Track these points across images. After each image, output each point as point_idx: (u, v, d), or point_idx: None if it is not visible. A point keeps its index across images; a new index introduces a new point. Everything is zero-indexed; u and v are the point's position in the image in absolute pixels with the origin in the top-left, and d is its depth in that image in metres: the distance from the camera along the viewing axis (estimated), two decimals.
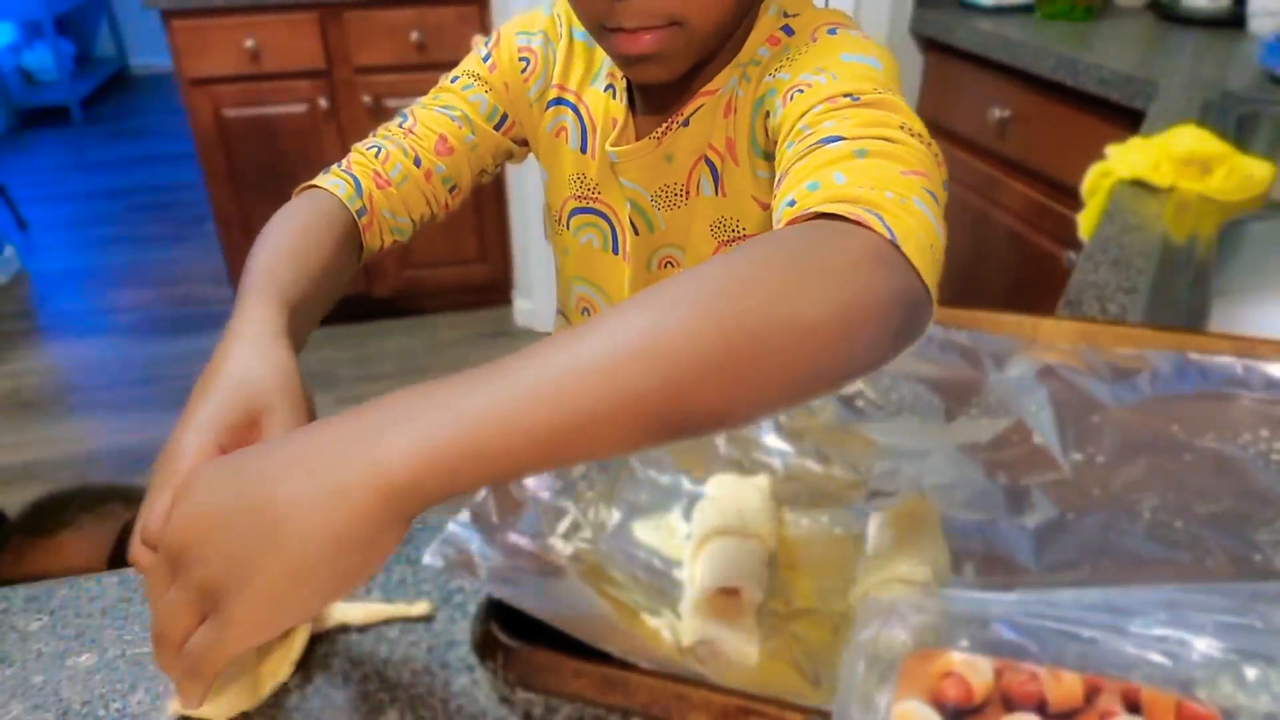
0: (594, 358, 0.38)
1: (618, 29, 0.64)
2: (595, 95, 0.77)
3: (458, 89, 0.79)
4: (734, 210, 0.73)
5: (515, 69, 0.79)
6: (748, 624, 0.50)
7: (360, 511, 0.37)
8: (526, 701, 0.48)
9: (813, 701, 0.46)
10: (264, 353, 0.52)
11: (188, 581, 0.40)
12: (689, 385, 0.38)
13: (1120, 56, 1.60)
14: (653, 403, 0.38)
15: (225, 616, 0.39)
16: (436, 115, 0.77)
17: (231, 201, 2.49)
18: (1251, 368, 0.63)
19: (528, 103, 0.79)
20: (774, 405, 0.42)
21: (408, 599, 0.55)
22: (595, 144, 0.77)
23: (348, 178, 0.72)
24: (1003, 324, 0.70)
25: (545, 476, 0.56)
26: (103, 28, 5.15)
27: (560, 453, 0.39)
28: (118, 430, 2.32)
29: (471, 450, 0.37)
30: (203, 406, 0.49)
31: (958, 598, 0.47)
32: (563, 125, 0.79)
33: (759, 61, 0.68)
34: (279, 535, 0.37)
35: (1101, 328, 0.69)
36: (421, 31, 2.37)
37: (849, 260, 0.42)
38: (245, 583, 0.38)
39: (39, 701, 0.49)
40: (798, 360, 0.39)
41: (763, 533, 0.54)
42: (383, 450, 0.37)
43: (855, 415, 0.65)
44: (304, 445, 0.40)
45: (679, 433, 0.40)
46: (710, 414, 0.40)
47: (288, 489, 0.38)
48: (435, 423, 0.38)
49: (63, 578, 0.58)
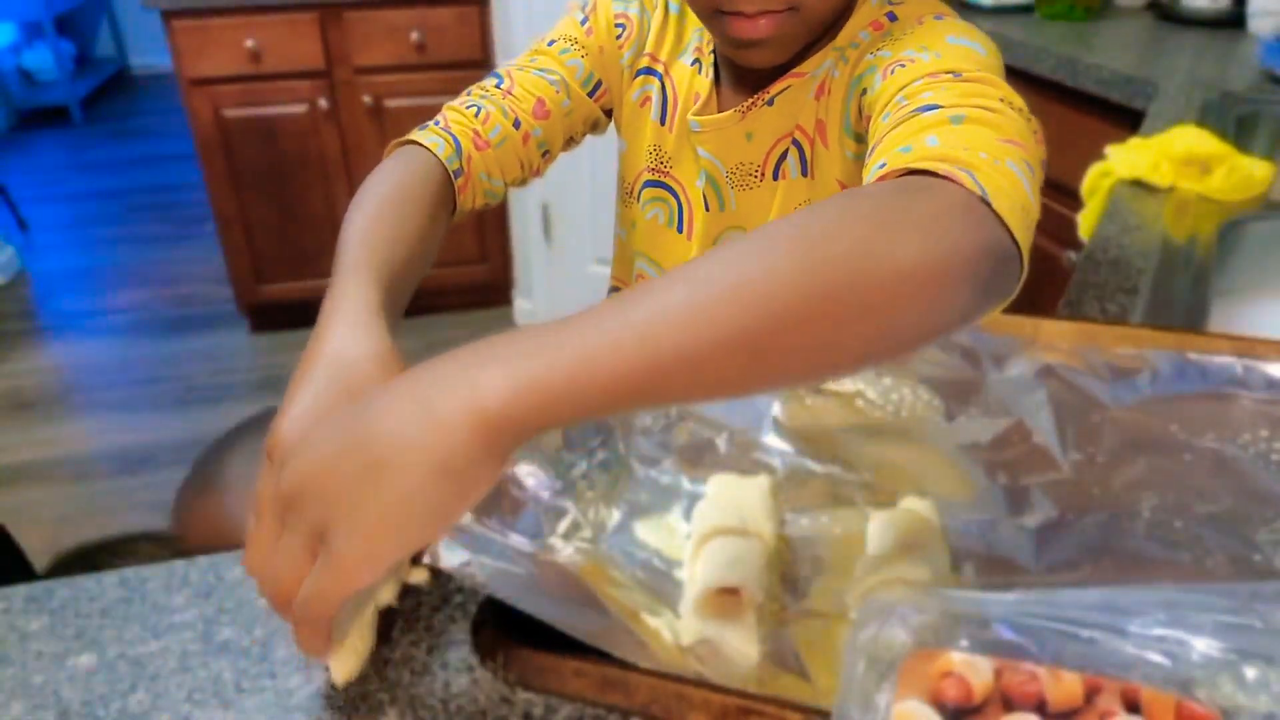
0: (688, 299, 0.39)
1: (736, 13, 0.65)
2: (682, 69, 0.78)
3: (555, 53, 0.78)
4: (820, 194, 0.73)
5: (611, 34, 0.79)
6: (748, 624, 0.50)
7: (458, 442, 0.38)
8: (526, 701, 0.48)
9: (813, 701, 0.46)
10: (361, 334, 0.52)
11: (298, 527, 0.41)
12: (781, 328, 0.38)
13: (1120, 56, 1.60)
14: (745, 345, 0.38)
15: (334, 555, 0.40)
16: (534, 78, 0.76)
17: (231, 201, 2.49)
18: (1251, 368, 0.63)
19: (619, 69, 0.79)
20: (862, 355, 0.42)
21: (408, 596, 0.55)
22: (675, 117, 0.78)
23: (447, 136, 0.71)
24: (1003, 324, 0.70)
25: (545, 476, 0.56)
26: (103, 28, 5.15)
27: (651, 392, 0.39)
28: (118, 430, 2.32)
29: (565, 386, 0.38)
30: (302, 395, 0.49)
31: (958, 598, 0.47)
32: (647, 95, 0.79)
33: (858, 44, 0.69)
34: (382, 469, 0.39)
35: (1101, 328, 0.69)
36: (421, 32, 2.37)
37: (937, 210, 0.43)
38: (352, 519, 0.39)
39: (39, 701, 0.49)
40: (888, 306, 0.40)
41: (763, 533, 0.54)
42: (480, 384, 0.39)
43: (855, 415, 0.65)
44: (405, 385, 0.41)
45: (767, 379, 0.41)
46: (801, 360, 0.40)
47: (389, 425, 0.39)
48: (530, 359, 0.39)
49: (61, 578, 0.58)
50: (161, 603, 0.55)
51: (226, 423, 0.98)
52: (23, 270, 3.14)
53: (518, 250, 2.66)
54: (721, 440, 0.64)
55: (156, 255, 3.25)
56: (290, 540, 0.41)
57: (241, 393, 2.45)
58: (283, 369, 2.54)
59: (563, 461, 0.58)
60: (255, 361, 2.59)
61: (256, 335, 2.68)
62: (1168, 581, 0.52)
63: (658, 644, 0.49)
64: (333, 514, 0.40)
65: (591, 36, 0.79)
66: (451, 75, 2.40)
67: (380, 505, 0.39)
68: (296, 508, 0.41)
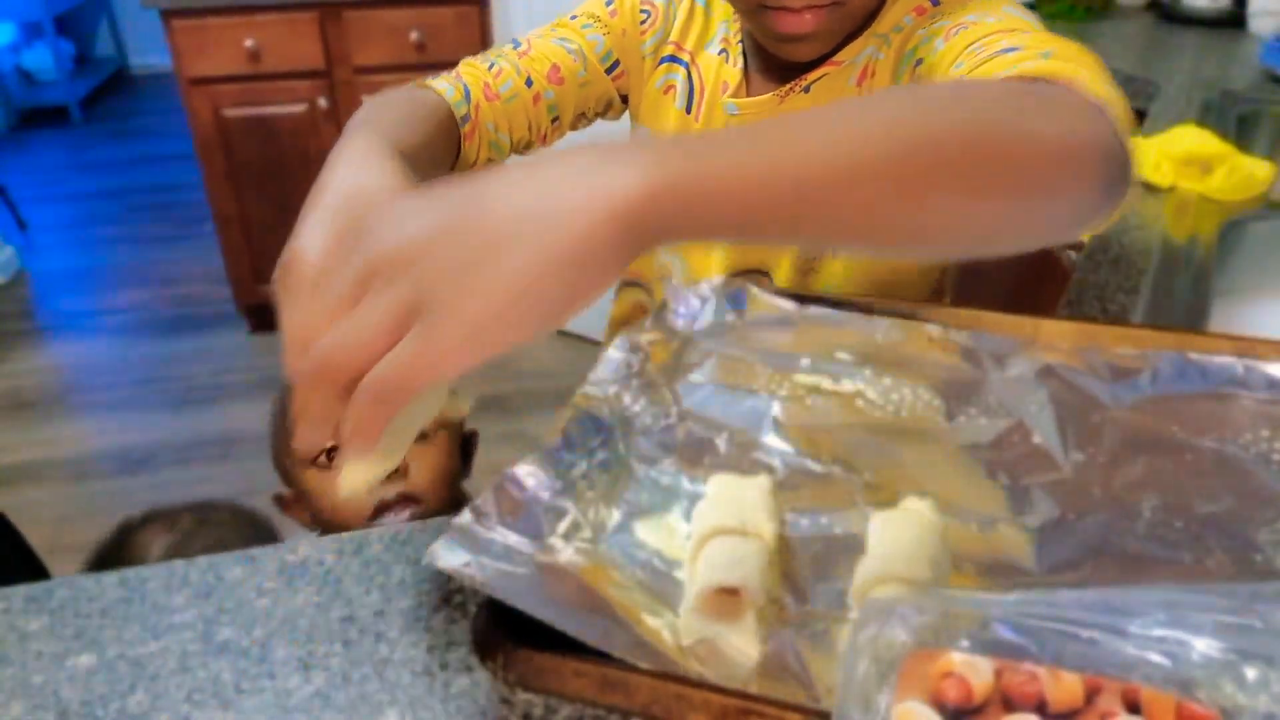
0: (844, 125, 0.39)
1: (781, 8, 0.65)
2: (709, 59, 0.78)
3: (576, 26, 0.79)
4: None
5: (635, 19, 0.79)
6: (748, 624, 0.50)
7: (589, 231, 0.36)
8: (526, 702, 0.48)
9: (812, 702, 0.46)
10: (375, 169, 0.49)
11: (392, 296, 0.37)
12: (931, 167, 0.38)
13: (1121, 56, 1.60)
14: (893, 175, 0.38)
15: (435, 330, 0.36)
16: (553, 45, 0.77)
17: (231, 201, 2.49)
18: (1252, 368, 0.63)
19: (640, 55, 0.80)
20: (996, 223, 0.42)
21: (408, 596, 0.55)
22: (703, 105, 0.78)
23: (457, 83, 0.71)
24: (1003, 324, 0.70)
25: (545, 476, 0.56)
26: (103, 28, 5.15)
27: (794, 213, 0.38)
28: (118, 430, 2.32)
29: (704, 189, 0.37)
30: (313, 221, 0.46)
31: (958, 598, 0.47)
32: (672, 84, 0.79)
33: (900, 29, 0.70)
34: (503, 251, 0.36)
35: (1101, 328, 0.69)
36: (421, 31, 2.37)
37: (1069, 106, 0.45)
38: (459, 296, 0.36)
39: (39, 701, 0.49)
40: (1032, 174, 0.40)
41: (763, 533, 0.54)
42: (616, 176, 0.36)
43: (856, 415, 0.65)
44: (524, 172, 0.38)
45: (904, 222, 0.40)
46: (940, 209, 0.40)
47: (511, 207, 0.37)
48: (671, 158, 0.37)
49: (61, 578, 0.58)
50: (161, 603, 0.55)
51: (226, 423, 0.99)
52: (22, 270, 3.14)
53: None
54: (721, 440, 0.64)
55: (156, 255, 3.25)
56: (374, 311, 0.37)
57: (241, 393, 2.44)
58: (282, 369, 2.54)
59: (563, 461, 0.58)
60: (255, 361, 2.59)
61: (256, 335, 2.68)
62: (1168, 581, 0.52)
63: (658, 644, 0.49)
64: (437, 288, 0.36)
65: (615, 18, 0.79)
66: None
67: (493, 286, 0.36)
68: (387, 275, 0.37)
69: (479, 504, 0.52)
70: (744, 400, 0.67)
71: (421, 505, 0.86)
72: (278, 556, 0.58)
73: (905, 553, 0.50)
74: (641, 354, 0.69)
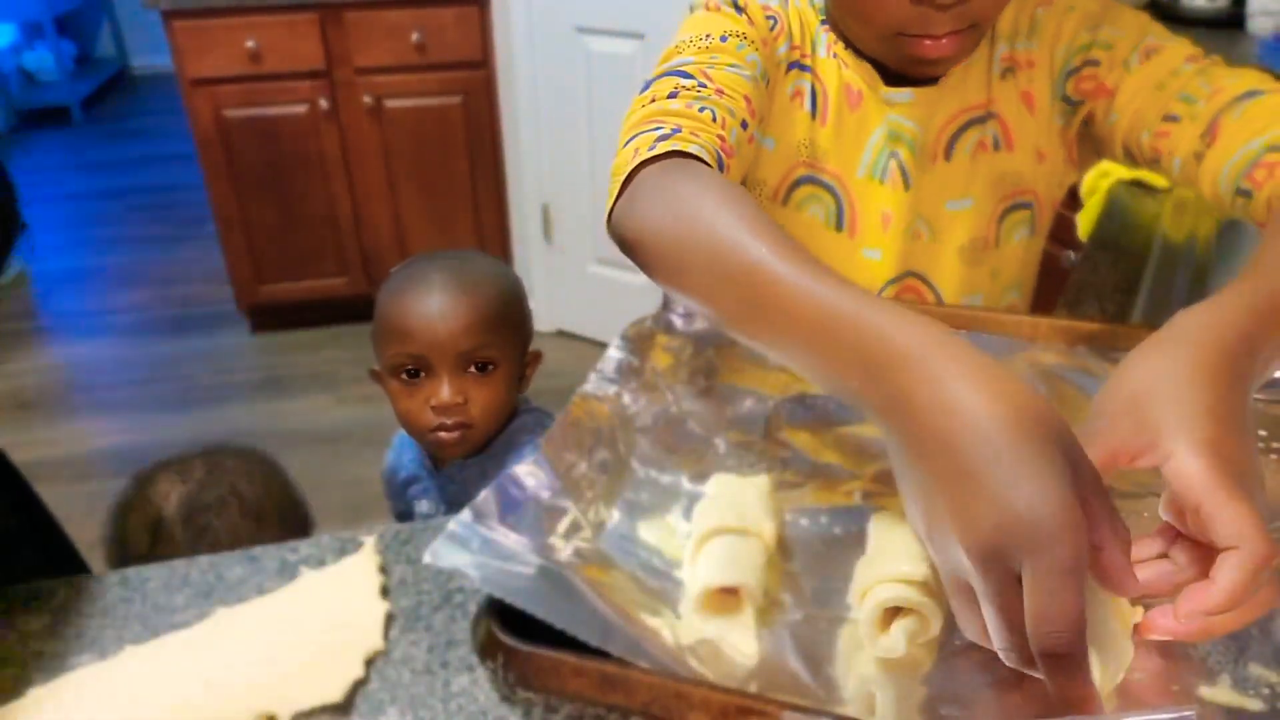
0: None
1: (924, 35, 0.67)
2: (825, 63, 0.78)
3: (731, 48, 0.71)
4: (1020, 165, 0.78)
5: (766, 27, 0.76)
6: (748, 623, 0.50)
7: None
8: (526, 701, 0.48)
9: (812, 702, 0.46)
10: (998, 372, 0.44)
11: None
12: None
13: None
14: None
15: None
16: (730, 75, 0.69)
17: (232, 202, 2.49)
18: None
19: (776, 62, 0.77)
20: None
21: (408, 596, 0.55)
22: (828, 111, 0.78)
23: (710, 149, 0.63)
24: (1003, 324, 0.70)
25: (545, 476, 0.56)
26: (103, 28, 5.15)
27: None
28: (118, 430, 2.32)
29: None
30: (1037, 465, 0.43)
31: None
32: (799, 90, 0.78)
33: (1036, 22, 0.76)
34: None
35: (1101, 328, 0.69)
36: (421, 32, 2.37)
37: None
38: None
39: None
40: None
41: (763, 532, 0.54)
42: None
43: (855, 416, 0.65)
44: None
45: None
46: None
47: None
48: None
49: (61, 578, 0.58)
50: (161, 603, 0.55)
51: (226, 423, 1.00)
52: (22, 270, 3.14)
53: (518, 250, 2.66)
54: (721, 440, 0.64)
55: (157, 255, 3.25)
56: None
57: (241, 393, 2.44)
58: (282, 369, 2.55)
59: (563, 461, 0.58)
60: (255, 362, 2.59)
61: (257, 335, 2.68)
62: None
63: (657, 643, 0.49)
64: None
65: (753, 28, 0.74)
66: (451, 75, 2.40)
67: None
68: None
69: (479, 504, 0.53)
70: (744, 400, 0.67)
71: (474, 430, 0.97)
72: (278, 555, 0.58)
73: (905, 553, 0.50)
74: (641, 354, 0.69)
